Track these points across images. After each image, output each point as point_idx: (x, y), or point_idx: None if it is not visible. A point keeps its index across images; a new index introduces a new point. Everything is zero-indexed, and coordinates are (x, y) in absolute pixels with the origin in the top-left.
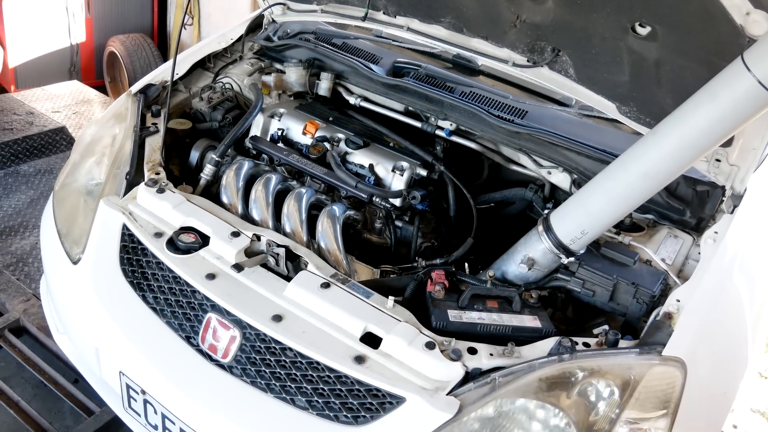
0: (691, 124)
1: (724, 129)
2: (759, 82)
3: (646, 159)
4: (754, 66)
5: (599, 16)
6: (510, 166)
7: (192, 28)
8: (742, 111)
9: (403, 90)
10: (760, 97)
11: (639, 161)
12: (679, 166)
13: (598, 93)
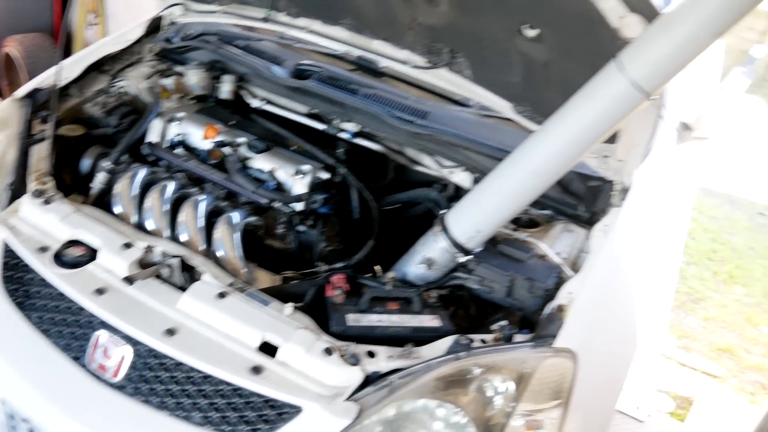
0: (573, 124)
1: (603, 127)
2: (632, 82)
3: (534, 157)
4: (628, 67)
5: (489, 19)
6: (414, 167)
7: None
8: (617, 110)
9: (306, 92)
10: (632, 96)
11: (527, 160)
12: (564, 163)
13: (495, 93)
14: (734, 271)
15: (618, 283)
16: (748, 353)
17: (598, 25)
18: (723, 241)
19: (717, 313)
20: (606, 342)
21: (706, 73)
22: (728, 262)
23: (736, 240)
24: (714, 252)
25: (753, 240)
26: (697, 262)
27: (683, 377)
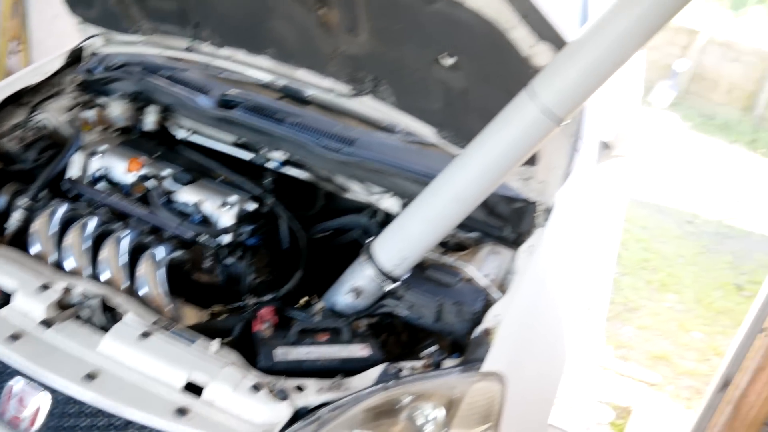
0: (489, 151)
1: (519, 154)
2: (543, 109)
3: (454, 184)
4: (538, 95)
5: (408, 48)
6: (343, 193)
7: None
8: (531, 136)
9: (232, 122)
10: (544, 123)
11: (448, 187)
12: (483, 190)
13: (418, 119)
14: (666, 278)
15: (544, 302)
16: (682, 359)
17: (510, 54)
18: (654, 250)
19: (651, 322)
20: (534, 361)
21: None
22: (660, 270)
23: (667, 248)
24: (646, 261)
25: (682, 247)
26: (631, 272)
27: (622, 387)
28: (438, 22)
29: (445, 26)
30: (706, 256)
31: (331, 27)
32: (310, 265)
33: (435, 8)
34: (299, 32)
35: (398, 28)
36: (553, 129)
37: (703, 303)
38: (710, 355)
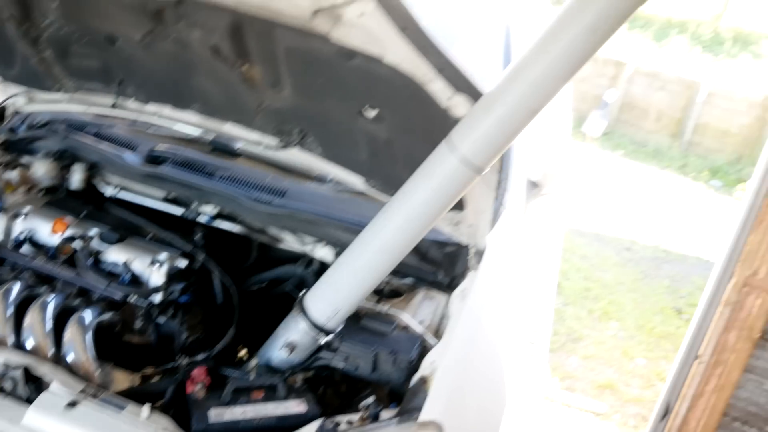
0: (413, 202)
1: (442, 204)
2: (462, 160)
3: (381, 236)
4: (457, 146)
5: (331, 102)
6: (277, 244)
7: None
8: (452, 187)
9: (161, 178)
10: (465, 173)
11: (375, 238)
12: (410, 240)
13: (346, 169)
14: (608, 307)
15: (481, 345)
16: (628, 386)
17: (430, 106)
18: (595, 278)
19: (595, 351)
20: (473, 406)
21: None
22: (601, 298)
23: (607, 276)
24: (588, 290)
25: (622, 274)
26: (573, 301)
27: (569, 418)
28: (358, 77)
29: (365, 81)
30: (645, 282)
31: (254, 83)
32: (247, 319)
33: (354, 64)
34: (224, 88)
35: (320, 83)
36: (473, 179)
37: (645, 329)
38: (655, 381)
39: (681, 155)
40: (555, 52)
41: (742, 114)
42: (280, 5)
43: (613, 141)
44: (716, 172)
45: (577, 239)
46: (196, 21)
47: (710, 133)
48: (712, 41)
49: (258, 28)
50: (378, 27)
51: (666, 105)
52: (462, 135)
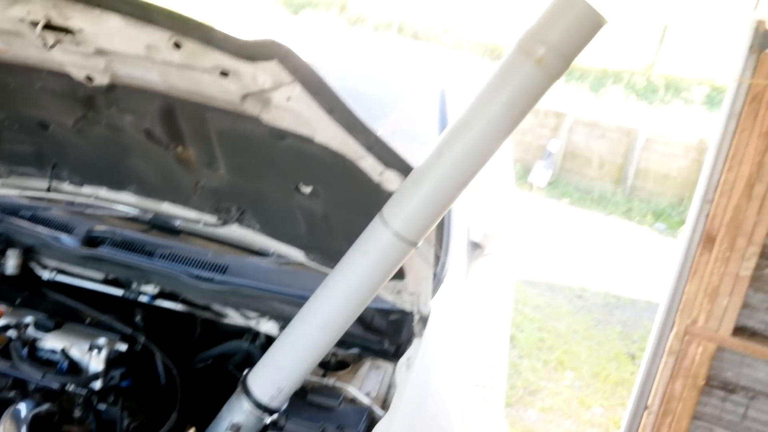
0: (351, 277)
1: (379, 278)
2: (395, 234)
3: (320, 313)
4: (390, 220)
5: (266, 180)
6: (222, 320)
7: None
8: (388, 259)
9: (100, 259)
10: (399, 247)
11: (315, 316)
12: (350, 315)
13: (286, 244)
14: (562, 356)
15: (429, 412)
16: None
17: (363, 181)
18: (549, 328)
19: (553, 402)
20: None
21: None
22: (556, 348)
23: (560, 326)
24: (542, 341)
25: (575, 323)
26: (528, 353)
27: None
28: (291, 156)
29: (298, 159)
30: (598, 329)
31: (189, 163)
32: (193, 398)
33: (286, 144)
34: (159, 169)
35: (254, 163)
36: (408, 251)
37: (600, 376)
38: (612, 430)
39: (625, 200)
40: (477, 129)
41: (680, 157)
42: (209, 90)
43: (559, 189)
44: (660, 215)
45: (529, 290)
46: (128, 106)
47: (651, 177)
48: (646, 89)
49: (190, 112)
50: (306, 109)
51: (607, 152)
52: (393, 211)
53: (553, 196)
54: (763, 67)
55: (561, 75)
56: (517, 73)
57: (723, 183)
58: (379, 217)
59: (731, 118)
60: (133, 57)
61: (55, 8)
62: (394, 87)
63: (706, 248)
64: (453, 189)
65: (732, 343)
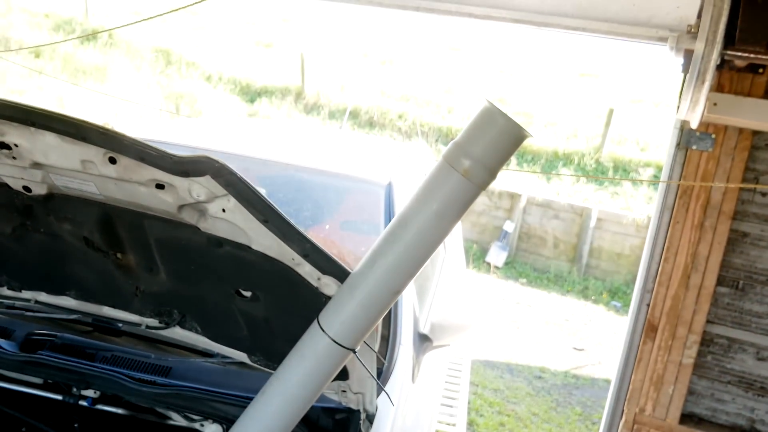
0: (289, 382)
1: (318, 381)
2: (332, 340)
3: (260, 419)
4: (327, 326)
5: (206, 285)
6: (165, 422)
7: None
8: (326, 364)
9: (39, 364)
10: (337, 351)
11: (255, 422)
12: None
13: (228, 346)
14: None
15: None
16: None
17: (301, 286)
18: (508, 412)
19: None
20: None
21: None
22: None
23: (520, 408)
24: (502, 425)
25: (534, 405)
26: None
27: None
28: (229, 262)
29: (236, 266)
30: (558, 411)
31: (129, 269)
32: None
33: (224, 251)
34: (99, 274)
35: (193, 269)
36: (347, 356)
37: None
38: None
39: (581, 279)
40: (408, 238)
41: (632, 236)
42: (147, 201)
43: (516, 269)
44: (615, 293)
45: (488, 372)
46: (66, 215)
47: (605, 256)
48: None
49: (128, 220)
50: (241, 220)
51: (561, 232)
52: (330, 317)
53: (510, 276)
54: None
55: (487, 185)
56: (445, 185)
57: (661, 273)
58: (316, 323)
59: (664, 211)
60: (70, 170)
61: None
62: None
63: (649, 337)
64: (387, 296)
65: (680, 431)
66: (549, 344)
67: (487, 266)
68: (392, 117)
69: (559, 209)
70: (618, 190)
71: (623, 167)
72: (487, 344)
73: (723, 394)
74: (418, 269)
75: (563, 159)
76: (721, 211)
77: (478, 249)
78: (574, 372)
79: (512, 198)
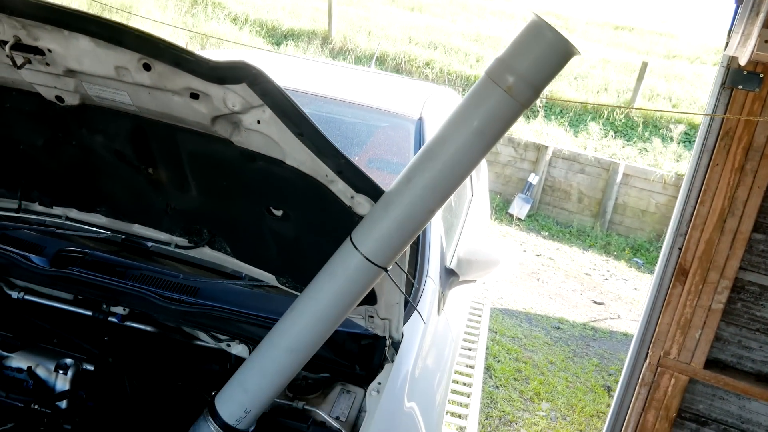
0: (320, 300)
1: (348, 301)
2: (366, 258)
3: (289, 335)
4: (360, 244)
5: (237, 202)
6: (192, 342)
7: None
8: (358, 283)
9: (69, 280)
10: (369, 269)
11: (283, 337)
12: (318, 337)
13: (257, 267)
14: (539, 387)
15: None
16: None
17: (334, 205)
18: (525, 359)
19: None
20: None
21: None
22: (532, 379)
23: (537, 356)
24: (519, 371)
25: (552, 354)
26: (505, 384)
27: None
28: (262, 178)
29: (269, 181)
30: (575, 361)
31: (160, 185)
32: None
33: (257, 166)
34: (130, 190)
35: (225, 185)
36: (378, 276)
37: (576, 408)
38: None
39: (603, 235)
40: (446, 156)
41: (658, 194)
42: (180, 112)
43: (538, 222)
44: (637, 250)
45: (507, 320)
46: (98, 126)
47: (629, 212)
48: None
49: (161, 133)
50: (276, 132)
51: (586, 187)
52: (363, 235)
53: (532, 229)
54: (734, 103)
55: (531, 104)
56: (487, 102)
57: (695, 217)
58: (349, 240)
59: (704, 152)
60: (103, 78)
61: (24, 28)
62: (370, 114)
63: (679, 281)
64: (422, 214)
65: (704, 375)
66: (568, 297)
67: (509, 218)
68: (419, 65)
69: (586, 163)
70: (647, 146)
71: (653, 123)
72: (506, 293)
73: (750, 341)
74: (455, 188)
75: (592, 113)
76: (763, 155)
77: (501, 200)
78: (593, 324)
79: (538, 150)
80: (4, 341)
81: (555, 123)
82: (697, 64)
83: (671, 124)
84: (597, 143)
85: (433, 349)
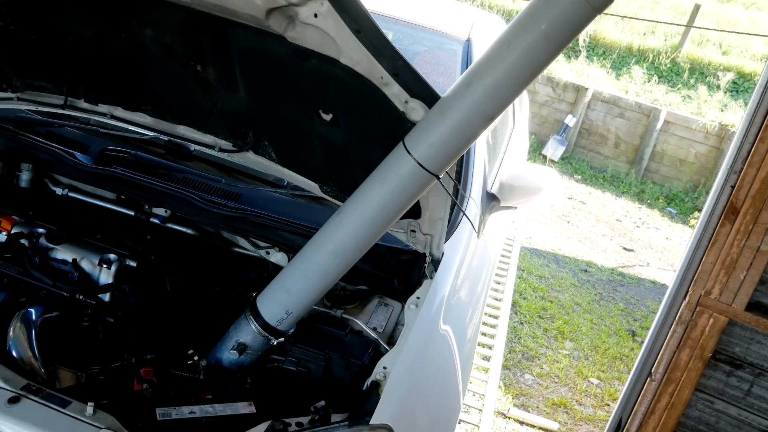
0: (368, 205)
1: (396, 208)
2: (418, 164)
3: (334, 238)
4: (413, 149)
5: (285, 104)
6: (231, 248)
7: None
8: (408, 189)
9: (113, 179)
10: (421, 176)
11: (328, 241)
12: (364, 243)
13: (301, 174)
14: (563, 327)
15: (434, 353)
16: (581, 405)
17: (386, 110)
18: (551, 299)
19: (550, 369)
20: (425, 412)
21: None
22: (557, 318)
23: (563, 297)
24: (544, 310)
25: (578, 296)
26: (529, 321)
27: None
28: (313, 78)
29: (320, 83)
30: (600, 304)
31: (208, 84)
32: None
33: (309, 65)
34: (176, 89)
35: (275, 85)
36: (429, 183)
37: (600, 350)
38: (608, 401)
39: (638, 182)
40: (510, 60)
41: (699, 143)
42: (234, 4)
43: (572, 165)
44: (672, 199)
45: (535, 260)
46: (149, 18)
47: (667, 161)
48: (670, 71)
49: (212, 27)
50: (333, 28)
51: (624, 132)
52: (417, 139)
53: (565, 171)
54: None
55: (605, 8)
56: (558, 3)
57: (753, 154)
58: (401, 145)
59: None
60: None
61: None
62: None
63: (728, 219)
64: (479, 121)
65: (744, 318)
66: (598, 241)
67: (542, 159)
68: None
69: (626, 107)
70: (691, 93)
71: (700, 70)
72: (535, 233)
73: None
74: (516, 95)
75: (637, 55)
76: None
77: (535, 141)
78: (621, 270)
79: (577, 91)
80: (50, 234)
81: (597, 64)
82: (753, 10)
83: (719, 72)
84: (639, 88)
85: (471, 271)
